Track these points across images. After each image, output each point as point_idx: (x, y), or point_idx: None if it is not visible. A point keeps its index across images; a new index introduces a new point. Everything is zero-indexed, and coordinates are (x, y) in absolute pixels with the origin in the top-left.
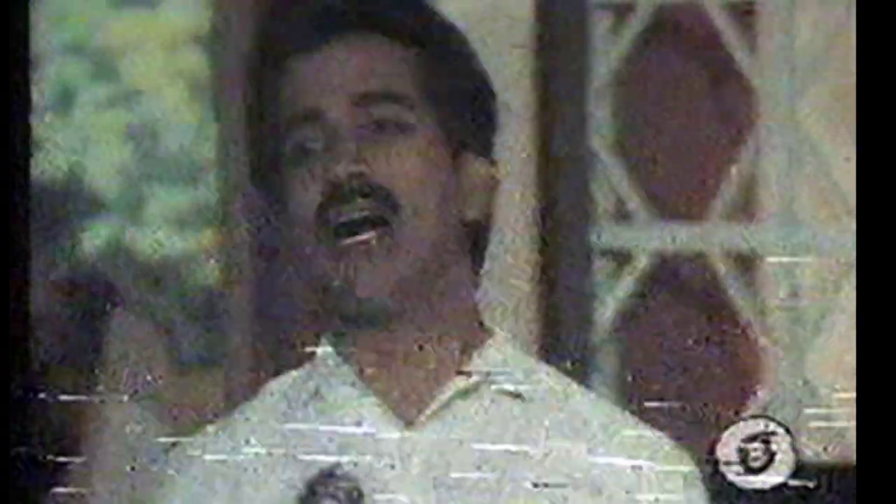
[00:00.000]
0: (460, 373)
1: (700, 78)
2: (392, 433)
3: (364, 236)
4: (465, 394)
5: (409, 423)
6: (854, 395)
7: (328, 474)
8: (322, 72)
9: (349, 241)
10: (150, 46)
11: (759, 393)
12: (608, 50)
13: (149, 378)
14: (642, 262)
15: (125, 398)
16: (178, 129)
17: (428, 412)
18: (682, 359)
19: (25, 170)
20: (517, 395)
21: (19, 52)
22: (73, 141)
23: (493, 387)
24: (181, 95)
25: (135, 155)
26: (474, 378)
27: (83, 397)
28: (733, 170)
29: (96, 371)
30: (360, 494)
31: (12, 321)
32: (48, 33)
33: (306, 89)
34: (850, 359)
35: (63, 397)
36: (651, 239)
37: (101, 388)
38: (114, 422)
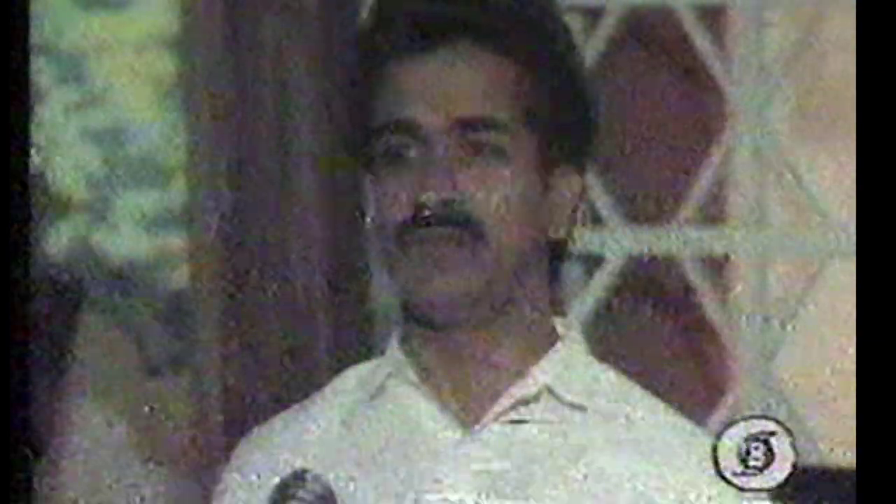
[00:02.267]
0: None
1: (670, 81)
2: (450, 436)
3: (442, 253)
4: (525, 402)
5: (467, 428)
6: (824, 398)
7: (298, 477)
8: (425, 83)
9: (424, 252)
10: (118, 48)
11: (728, 396)
12: None
13: (117, 380)
14: (613, 266)
15: (92, 401)
16: (146, 131)
17: (487, 418)
18: (652, 362)
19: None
20: (577, 406)
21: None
22: (41, 142)
23: (554, 396)
24: (150, 97)
25: (103, 157)
26: (535, 387)
27: (50, 399)
28: (703, 173)
29: (63, 373)
30: (331, 497)
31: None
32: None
33: (406, 98)
34: (820, 361)
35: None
36: (621, 242)
37: (68, 390)
38: (81, 425)
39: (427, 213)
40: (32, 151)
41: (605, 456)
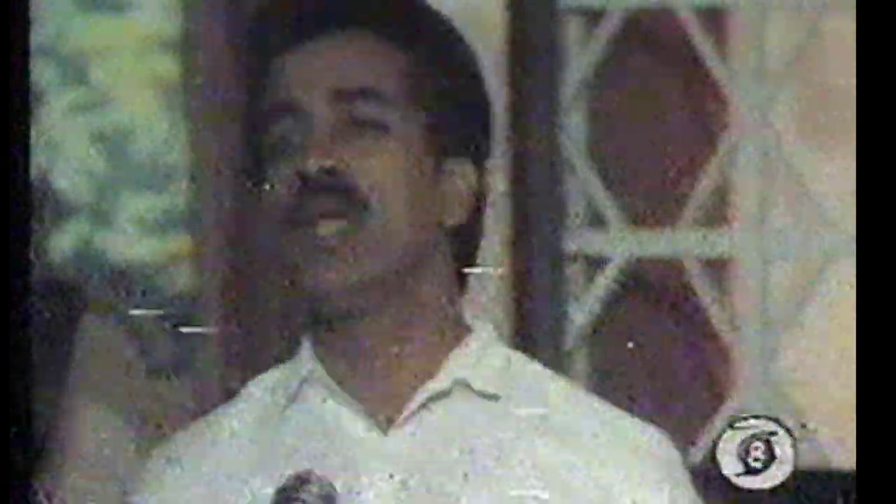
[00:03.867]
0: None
1: (672, 84)
2: (367, 437)
3: (328, 231)
4: (439, 396)
5: (384, 428)
6: (828, 399)
7: (301, 478)
8: (304, 66)
9: (315, 236)
10: (121, 50)
11: (730, 398)
12: (579, 56)
13: (119, 384)
14: (615, 268)
15: (94, 403)
16: (148, 134)
17: (403, 415)
18: (653, 364)
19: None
20: (491, 396)
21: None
22: (42, 145)
23: (467, 388)
24: (152, 100)
25: (105, 159)
26: (447, 381)
27: (51, 401)
28: (705, 175)
29: (65, 376)
30: (333, 498)
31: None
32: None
33: (287, 82)
34: (822, 364)
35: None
36: (623, 245)
37: (69, 392)
38: (82, 427)
39: (307, 184)
40: (34, 154)
41: (523, 446)
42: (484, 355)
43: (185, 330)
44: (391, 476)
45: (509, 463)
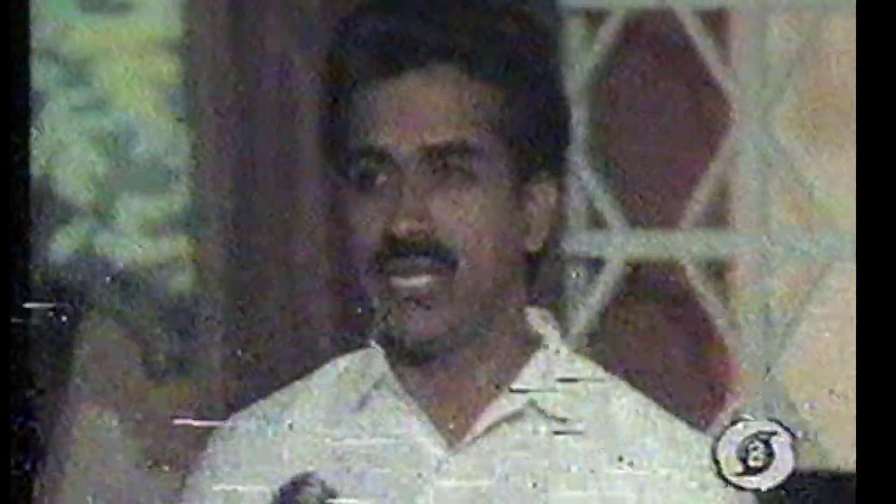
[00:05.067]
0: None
1: (673, 85)
2: (434, 452)
3: (417, 284)
4: (509, 419)
5: (452, 444)
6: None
7: (300, 481)
8: (395, 108)
9: (403, 287)
10: (122, 52)
11: (730, 400)
12: (581, 57)
13: (121, 386)
14: (616, 270)
15: (95, 405)
16: (149, 136)
17: (471, 434)
18: (654, 365)
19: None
20: (561, 419)
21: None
22: (44, 146)
23: (537, 410)
24: (153, 101)
25: (106, 161)
26: (519, 404)
27: (53, 403)
28: (706, 177)
29: (66, 378)
30: (335, 501)
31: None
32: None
33: (377, 124)
34: (823, 366)
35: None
36: (624, 246)
37: (72, 395)
38: (83, 429)
39: (398, 244)
40: (35, 155)
41: (589, 469)
42: (552, 372)
43: (185, 331)
44: (455, 493)
45: (574, 487)
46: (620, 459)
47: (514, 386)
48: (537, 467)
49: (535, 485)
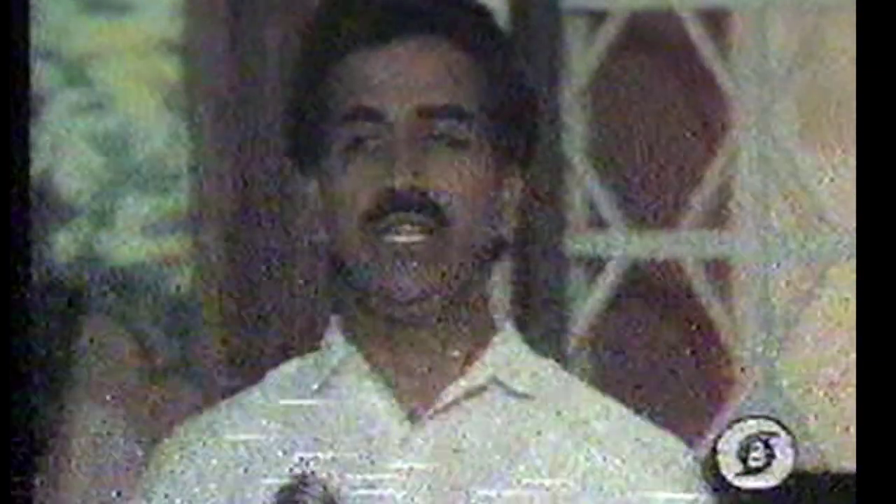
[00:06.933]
0: (469, 371)
1: (674, 85)
2: (396, 428)
3: (409, 240)
4: (473, 393)
5: (416, 419)
6: (827, 401)
7: (301, 481)
8: (388, 72)
9: (395, 243)
10: (122, 53)
11: (731, 400)
12: (582, 57)
13: (121, 385)
14: (616, 270)
15: (95, 404)
16: (150, 136)
17: (434, 409)
18: (655, 366)
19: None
20: (525, 396)
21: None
22: (44, 147)
23: (501, 386)
24: (153, 102)
25: (106, 161)
26: (483, 378)
27: (52, 403)
28: (706, 177)
29: (67, 378)
30: (334, 501)
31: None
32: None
33: (368, 87)
34: (823, 366)
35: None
36: (625, 246)
37: (72, 394)
38: (83, 428)
39: (393, 199)
40: (35, 155)
41: (552, 445)
42: (513, 354)
43: (185, 331)
44: (420, 467)
45: (538, 462)
46: (583, 437)
47: (480, 362)
48: (500, 443)
49: (498, 460)
